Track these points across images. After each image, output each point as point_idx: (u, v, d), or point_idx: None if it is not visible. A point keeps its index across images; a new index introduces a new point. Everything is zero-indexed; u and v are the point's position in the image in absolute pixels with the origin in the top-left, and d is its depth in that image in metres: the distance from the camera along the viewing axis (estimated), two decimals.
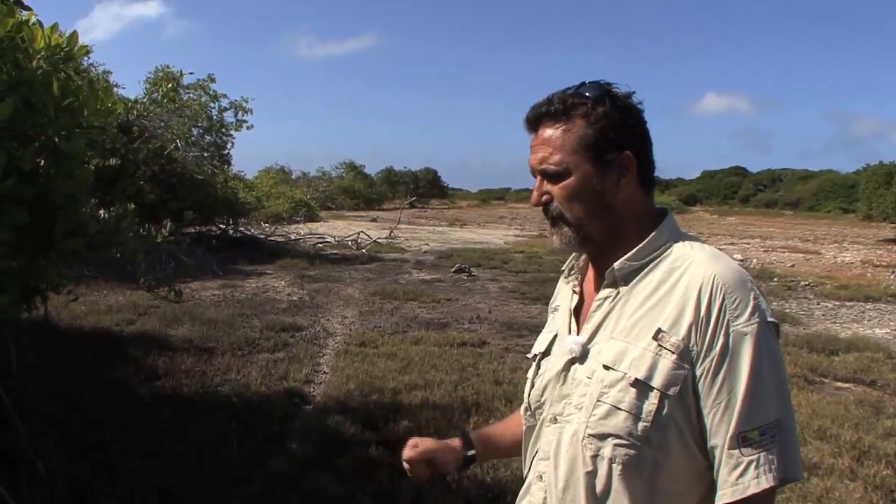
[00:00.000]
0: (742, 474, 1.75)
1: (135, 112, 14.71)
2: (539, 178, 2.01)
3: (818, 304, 17.62)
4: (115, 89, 17.89)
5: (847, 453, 6.69)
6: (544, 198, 2.00)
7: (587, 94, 1.94)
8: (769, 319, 1.81)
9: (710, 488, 1.83)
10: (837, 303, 17.82)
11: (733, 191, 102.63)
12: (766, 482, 1.73)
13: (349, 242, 29.27)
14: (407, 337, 11.60)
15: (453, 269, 21.35)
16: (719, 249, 1.99)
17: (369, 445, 6.46)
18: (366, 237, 29.85)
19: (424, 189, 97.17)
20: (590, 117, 1.92)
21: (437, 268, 22.56)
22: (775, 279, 21.66)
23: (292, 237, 29.45)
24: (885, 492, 6.02)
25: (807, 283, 21.07)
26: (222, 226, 25.28)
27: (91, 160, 5.42)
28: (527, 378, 2.22)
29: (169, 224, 5.62)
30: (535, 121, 2.00)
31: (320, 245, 28.27)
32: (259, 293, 15.99)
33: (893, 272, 24.58)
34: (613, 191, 1.94)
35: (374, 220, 49.76)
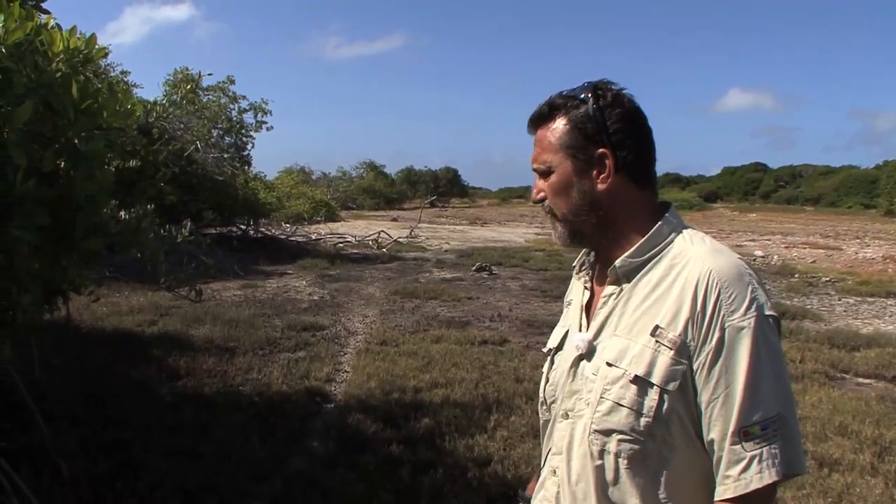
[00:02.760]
0: (745, 469, 1.76)
1: (154, 114, 14.74)
2: (537, 176, 2.10)
3: (839, 300, 17.53)
4: (134, 90, 18.00)
5: (868, 449, 6.66)
6: (540, 195, 2.09)
7: (574, 94, 2.00)
8: (767, 313, 1.82)
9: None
10: (859, 299, 17.71)
11: (754, 187, 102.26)
12: (768, 477, 1.74)
13: (370, 242, 29.37)
14: (428, 335, 11.61)
15: (474, 268, 21.32)
16: (725, 244, 2.01)
17: (390, 443, 6.49)
18: (386, 236, 29.93)
19: (445, 188, 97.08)
20: (569, 116, 1.99)
21: (457, 266, 22.56)
22: (796, 275, 21.58)
23: (313, 237, 29.52)
24: None
25: (828, 279, 20.94)
26: (243, 226, 25.38)
27: (111, 162, 5.45)
28: (543, 372, 2.24)
29: (189, 224, 5.65)
30: (533, 123, 2.09)
31: (341, 245, 28.35)
32: (280, 293, 16.04)
33: None
34: (593, 187, 1.98)
35: (394, 219, 49.82)
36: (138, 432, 6.40)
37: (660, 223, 1.98)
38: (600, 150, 1.95)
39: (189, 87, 18.43)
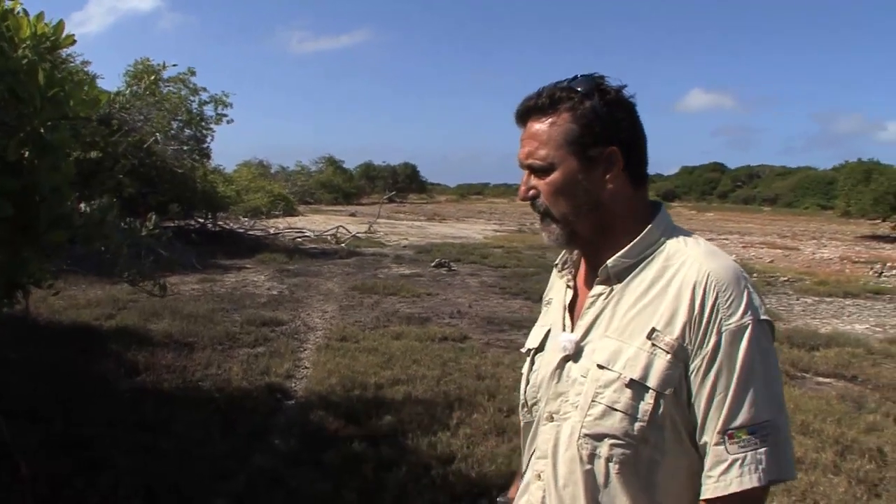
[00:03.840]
0: (725, 472, 1.75)
1: (117, 104, 14.60)
2: (526, 172, 1.99)
3: (798, 299, 17.75)
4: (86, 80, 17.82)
5: (830, 448, 6.72)
6: (531, 192, 1.98)
7: (577, 88, 1.92)
8: (762, 318, 1.81)
9: None
10: (817, 298, 17.95)
11: (711, 187, 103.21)
12: (749, 482, 1.73)
13: (328, 237, 29.26)
14: (388, 332, 11.56)
15: (433, 264, 21.29)
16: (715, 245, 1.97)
17: (353, 441, 6.42)
18: (345, 231, 29.84)
19: (403, 184, 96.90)
20: (576, 111, 1.90)
21: (416, 262, 22.54)
22: (754, 275, 21.71)
23: (271, 231, 29.33)
24: (869, 486, 6.06)
25: (786, 278, 21.21)
26: (201, 220, 25.20)
27: (72, 153, 5.36)
28: (522, 373, 2.19)
29: (154, 217, 5.56)
30: (524, 114, 1.98)
31: (299, 239, 28.20)
32: (239, 287, 15.91)
33: (873, 268, 24.72)
34: (599, 186, 1.92)
35: (352, 214, 49.70)
36: (99, 429, 6.30)
37: (652, 224, 1.95)
38: (610, 148, 1.89)
39: (153, 77, 18.27)
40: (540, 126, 1.93)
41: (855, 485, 6.02)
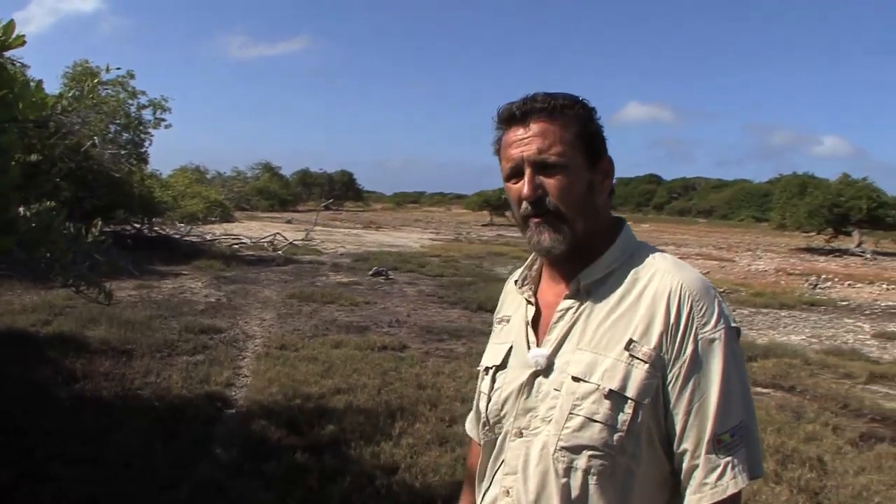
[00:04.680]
0: (721, 476, 1.80)
1: (59, 107, 14.40)
2: (530, 170, 1.94)
3: (734, 310, 17.81)
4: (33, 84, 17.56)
5: (771, 457, 6.86)
6: (539, 191, 1.93)
7: (577, 98, 1.99)
8: (732, 325, 1.87)
9: (673, 494, 1.89)
10: (753, 310, 18.34)
11: (647, 198, 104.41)
12: (742, 481, 1.80)
13: (265, 244, 29.13)
14: (327, 340, 11.55)
15: (371, 272, 21.28)
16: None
17: (296, 451, 6.42)
18: (282, 239, 29.69)
19: (339, 191, 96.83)
20: (583, 118, 1.96)
21: (353, 270, 22.49)
22: None
23: (207, 237, 29.11)
24: (810, 494, 6.23)
25: (722, 290, 21.41)
26: (137, 225, 24.84)
27: (16, 156, 5.29)
28: (481, 392, 2.19)
29: (100, 223, 5.51)
30: (526, 114, 1.96)
31: (236, 246, 27.99)
32: (176, 294, 15.76)
33: (808, 280, 25.13)
34: (599, 194, 1.98)
35: (288, 221, 49.52)
36: (38, 439, 6.22)
37: (620, 237, 2.01)
38: (607, 157, 1.99)
39: (96, 80, 18.04)
40: (549, 125, 1.93)
41: (796, 493, 6.18)
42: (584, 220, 1.95)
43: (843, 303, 20.62)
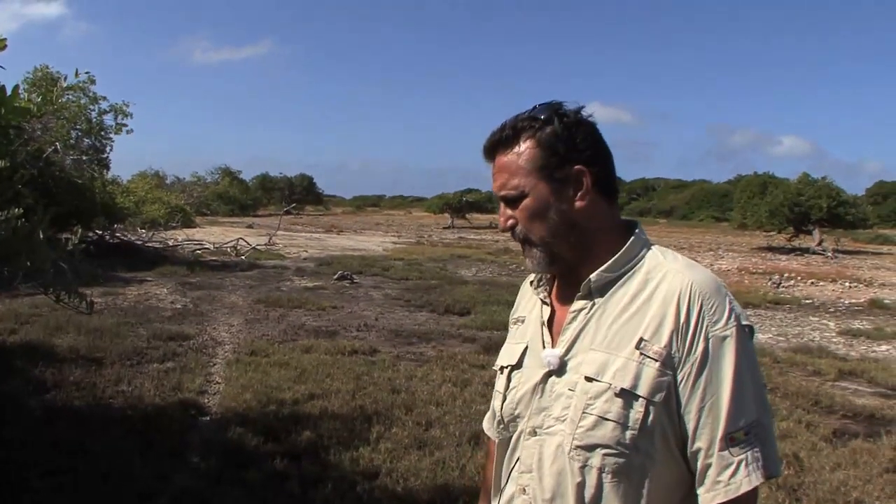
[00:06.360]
0: (734, 474, 1.81)
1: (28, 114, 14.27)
2: (502, 204, 2.05)
3: None
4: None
5: None
6: (510, 222, 2.03)
7: (538, 116, 1.99)
8: (744, 323, 1.89)
9: (689, 492, 1.90)
10: None
11: None
12: (756, 479, 1.81)
13: (228, 249, 28.96)
14: (297, 345, 11.52)
15: (336, 277, 21.21)
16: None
17: (274, 458, 6.39)
18: (245, 244, 29.57)
19: (300, 195, 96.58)
20: (538, 137, 1.97)
21: (318, 275, 22.46)
22: None
23: (170, 243, 28.87)
24: (789, 491, 6.32)
25: None
26: (99, 231, 24.62)
27: None
28: (497, 391, 2.20)
29: (80, 231, 5.46)
30: (492, 149, 2.05)
31: (199, 251, 27.75)
32: (142, 301, 15.63)
33: (771, 279, 25.34)
34: (572, 206, 1.98)
35: (250, 226, 49.29)
36: (13, 450, 6.15)
37: (633, 239, 2.02)
38: (576, 167, 1.96)
39: (64, 87, 17.85)
40: (507, 158, 2.00)
41: (775, 490, 6.24)
42: (561, 238, 2.00)
43: (807, 301, 20.86)
